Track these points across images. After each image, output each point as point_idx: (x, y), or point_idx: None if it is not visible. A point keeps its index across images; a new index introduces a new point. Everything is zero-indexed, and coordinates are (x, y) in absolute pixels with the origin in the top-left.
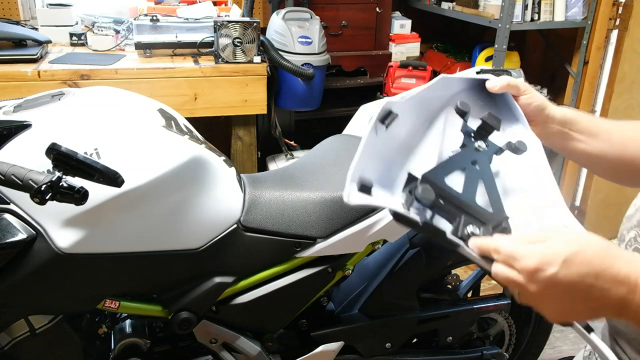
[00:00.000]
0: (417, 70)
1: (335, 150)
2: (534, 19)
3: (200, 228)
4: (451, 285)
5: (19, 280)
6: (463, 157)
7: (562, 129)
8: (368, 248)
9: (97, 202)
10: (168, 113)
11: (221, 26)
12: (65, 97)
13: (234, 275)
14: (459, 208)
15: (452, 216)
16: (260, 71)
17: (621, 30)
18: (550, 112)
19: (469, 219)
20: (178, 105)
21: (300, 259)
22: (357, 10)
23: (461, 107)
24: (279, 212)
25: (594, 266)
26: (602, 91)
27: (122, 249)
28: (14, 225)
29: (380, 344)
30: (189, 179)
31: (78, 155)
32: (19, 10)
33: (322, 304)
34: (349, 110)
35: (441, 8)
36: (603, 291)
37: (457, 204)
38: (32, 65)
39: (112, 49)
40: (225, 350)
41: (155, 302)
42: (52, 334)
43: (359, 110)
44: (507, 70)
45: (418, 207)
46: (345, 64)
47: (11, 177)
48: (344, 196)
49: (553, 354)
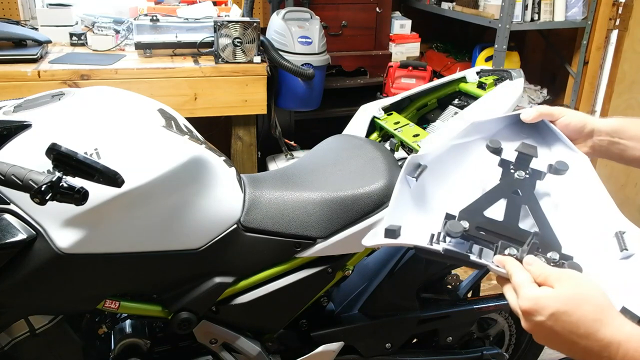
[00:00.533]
0: (417, 70)
1: (335, 150)
2: (534, 19)
3: (200, 228)
4: (451, 286)
5: (19, 280)
6: (503, 188)
7: (612, 139)
8: (368, 248)
9: (97, 202)
10: (168, 113)
11: (221, 26)
12: (65, 97)
13: (234, 276)
14: (498, 234)
15: (491, 243)
16: (260, 71)
17: (621, 30)
18: (593, 126)
19: (506, 243)
20: (178, 105)
21: (300, 259)
22: (357, 10)
23: (492, 144)
24: (279, 212)
25: (580, 328)
26: (602, 91)
27: (123, 249)
28: (14, 226)
29: (380, 344)
30: (189, 179)
31: (78, 155)
32: (19, 10)
33: (322, 304)
34: (349, 110)
35: (441, 8)
36: (586, 348)
37: (497, 231)
38: (32, 65)
39: (112, 49)
40: (225, 350)
41: (155, 302)
42: (52, 334)
43: (359, 110)
44: (507, 70)
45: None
46: (345, 64)
47: (11, 177)
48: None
49: (553, 354)
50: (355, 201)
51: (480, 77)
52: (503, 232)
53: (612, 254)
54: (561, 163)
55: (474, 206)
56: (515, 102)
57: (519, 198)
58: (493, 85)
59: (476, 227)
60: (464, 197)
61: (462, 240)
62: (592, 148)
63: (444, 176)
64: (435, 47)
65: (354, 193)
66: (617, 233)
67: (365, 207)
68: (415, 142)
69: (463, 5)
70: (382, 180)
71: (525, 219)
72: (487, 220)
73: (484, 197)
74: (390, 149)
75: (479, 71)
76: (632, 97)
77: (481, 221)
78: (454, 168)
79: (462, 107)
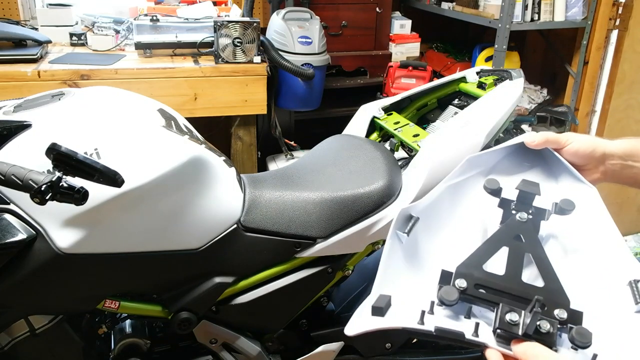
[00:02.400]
0: (417, 71)
1: (335, 150)
2: (534, 19)
3: (200, 228)
4: None
5: (19, 280)
6: (504, 234)
7: (625, 162)
8: (368, 248)
9: (97, 202)
10: (168, 113)
11: (221, 26)
12: (65, 97)
13: (234, 275)
14: (500, 292)
15: (492, 304)
16: (260, 71)
17: (621, 30)
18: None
19: (508, 306)
20: (178, 105)
21: (300, 259)
22: (357, 10)
23: (489, 185)
24: (278, 212)
25: None
26: (602, 91)
27: (122, 249)
28: (14, 225)
29: (380, 344)
30: (189, 179)
31: (78, 155)
32: (19, 10)
33: (322, 304)
34: (349, 110)
35: (441, 8)
36: None
37: (499, 288)
38: (32, 65)
39: (112, 49)
40: (225, 350)
41: (155, 302)
42: (52, 334)
43: (359, 110)
44: (507, 70)
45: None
46: (345, 64)
47: (11, 177)
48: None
49: None
50: (355, 201)
51: (480, 77)
52: (505, 289)
53: (626, 306)
54: (567, 202)
55: (473, 259)
56: (515, 102)
57: (522, 245)
58: (493, 85)
59: (475, 285)
60: (462, 247)
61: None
62: (604, 173)
63: (439, 225)
64: (435, 47)
65: (354, 193)
66: (631, 282)
67: (365, 207)
68: (415, 142)
69: (463, 5)
70: (382, 180)
71: (530, 268)
72: (486, 275)
73: (483, 247)
74: (390, 149)
75: (479, 71)
76: (632, 97)
77: (480, 277)
78: (450, 214)
79: (462, 107)
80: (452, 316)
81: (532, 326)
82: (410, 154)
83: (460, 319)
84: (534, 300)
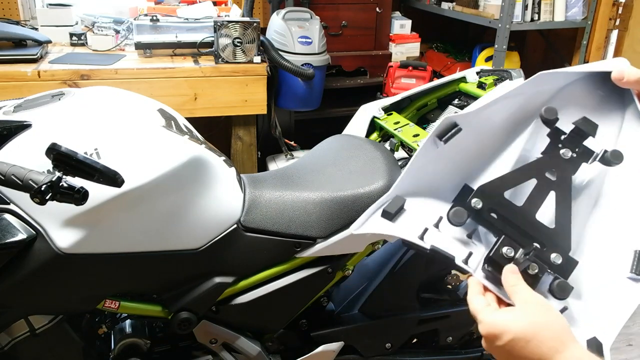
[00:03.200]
0: (417, 71)
1: (335, 150)
2: (534, 19)
3: (200, 228)
4: (451, 285)
5: (19, 280)
6: (538, 165)
7: None
8: (368, 248)
9: (97, 202)
10: (168, 113)
11: (221, 26)
12: (65, 97)
13: (234, 275)
14: (509, 223)
15: (497, 233)
16: (260, 71)
17: (621, 30)
18: None
19: (509, 239)
20: (178, 105)
21: (300, 259)
22: (357, 10)
23: (546, 115)
24: (278, 212)
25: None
26: None
27: (122, 249)
28: (14, 225)
29: (380, 344)
30: (189, 179)
31: (78, 155)
32: (19, 10)
33: (322, 304)
34: (349, 110)
35: (441, 8)
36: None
37: (510, 219)
38: (32, 65)
39: (112, 49)
40: (225, 350)
41: (155, 302)
42: (52, 334)
43: (359, 110)
44: (507, 70)
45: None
46: (345, 64)
47: (11, 177)
48: (354, 225)
49: None
50: (355, 201)
51: (480, 77)
52: (515, 221)
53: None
54: (616, 154)
55: (497, 182)
56: None
57: (551, 182)
58: (493, 85)
59: (489, 209)
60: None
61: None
62: None
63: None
64: (435, 47)
65: (354, 193)
66: (636, 252)
67: (365, 207)
68: (415, 142)
69: (463, 5)
70: (382, 180)
71: (548, 208)
72: (504, 202)
73: (512, 173)
74: (390, 149)
75: (479, 71)
76: None
77: (498, 202)
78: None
79: (462, 107)
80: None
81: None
82: (410, 154)
83: (457, 245)
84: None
